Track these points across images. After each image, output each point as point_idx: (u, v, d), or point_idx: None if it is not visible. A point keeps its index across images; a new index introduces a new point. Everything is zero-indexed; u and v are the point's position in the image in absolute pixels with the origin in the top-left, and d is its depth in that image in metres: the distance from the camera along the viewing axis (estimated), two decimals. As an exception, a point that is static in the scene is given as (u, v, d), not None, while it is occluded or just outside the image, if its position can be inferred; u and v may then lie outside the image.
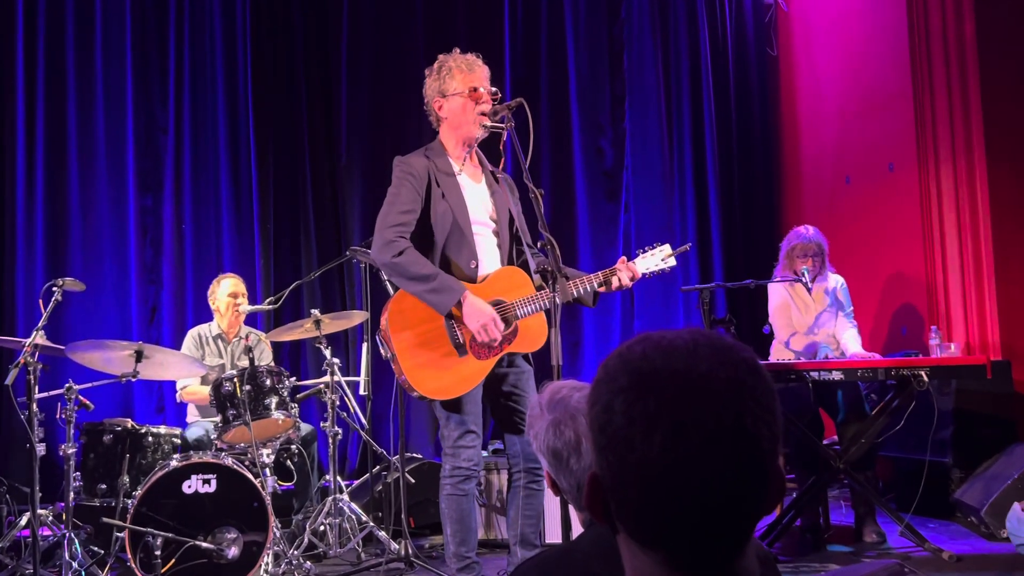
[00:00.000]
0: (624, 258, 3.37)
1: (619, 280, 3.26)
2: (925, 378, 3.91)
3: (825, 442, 4.56)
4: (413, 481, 4.54)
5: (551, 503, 3.85)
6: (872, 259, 5.85)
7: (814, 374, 4.02)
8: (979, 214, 5.16)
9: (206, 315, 5.25)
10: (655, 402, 0.83)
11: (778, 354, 4.78)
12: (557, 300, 2.87)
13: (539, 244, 2.97)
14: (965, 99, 5.22)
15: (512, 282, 3.24)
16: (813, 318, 4.74)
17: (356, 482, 5.13)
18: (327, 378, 4.38)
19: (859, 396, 4.51)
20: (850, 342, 4.61)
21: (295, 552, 3.99)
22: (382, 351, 3.19)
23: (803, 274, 4.51)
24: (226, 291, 4.95)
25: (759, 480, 0.84)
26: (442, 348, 3.12)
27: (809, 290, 4.69)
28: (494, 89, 3.29)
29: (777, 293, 4.83)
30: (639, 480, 0.83)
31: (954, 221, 5.28)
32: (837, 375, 4.01)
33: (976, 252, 5.17)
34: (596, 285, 3.25)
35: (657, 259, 3.37)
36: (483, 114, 3.22)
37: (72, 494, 3.84)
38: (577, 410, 1.60)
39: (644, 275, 3.35)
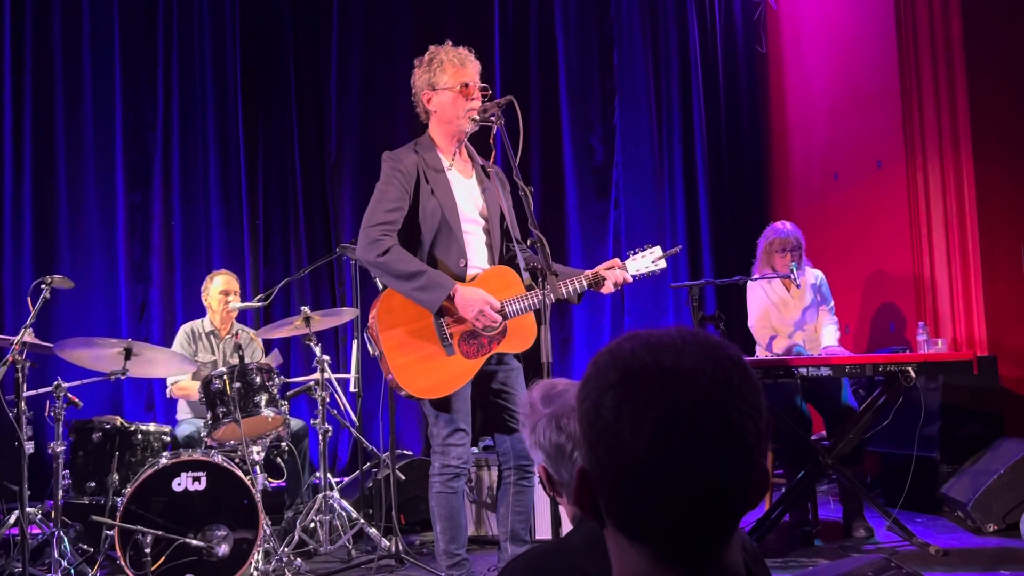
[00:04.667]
0: (616, 260, 3.35)
1: (608, 285, 3.24)
2: (912, 374, 3.93)
3: (813, 438, 4.58)
4: (403, 478, 4.55)
5: (541, 500, 3.87)
6: (860, 255, 5.88)
7: (803, 370, 4.03)
8: (966, 210, 5.19)
9: (195, 312, 5.24)
10: (644, 398, 0.85)
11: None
12: (547, 299, 2.87)
13: (529, 241, 2.95)
14: (952, 96, 5.25)
15: (503, 281, 3.22)
16: (799, 314, 4.75)
17: (346, 479, 5.13)
18: (317, 375, 4.38)
19: (846, 392, 4.53)
20: (827, 337, 4.62)
21: (285, 549, 3.99)
22: (370, 349, 3.17)
23: (792, 270, 4.51)
24: (218, 288, 4.94)
25: (744, 475, 0.86)
26: (430, 346, 3.10)
27: (798, 286, 4.70)
28: (484, 85, 3.26)
29: (757, 300, 4.80)
30: (627, 474, 0.85)
31: (941, 217, 5.31)
32: (826, 371, 4.02)
33: (963, 248, 5.20)
34: (586, 285, 3.23)
35: (648, 261, 3.36)
36: (472, 110, 3.20)
37: (61, 492, 3.83)
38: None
39: (635, 277, 3.33)
